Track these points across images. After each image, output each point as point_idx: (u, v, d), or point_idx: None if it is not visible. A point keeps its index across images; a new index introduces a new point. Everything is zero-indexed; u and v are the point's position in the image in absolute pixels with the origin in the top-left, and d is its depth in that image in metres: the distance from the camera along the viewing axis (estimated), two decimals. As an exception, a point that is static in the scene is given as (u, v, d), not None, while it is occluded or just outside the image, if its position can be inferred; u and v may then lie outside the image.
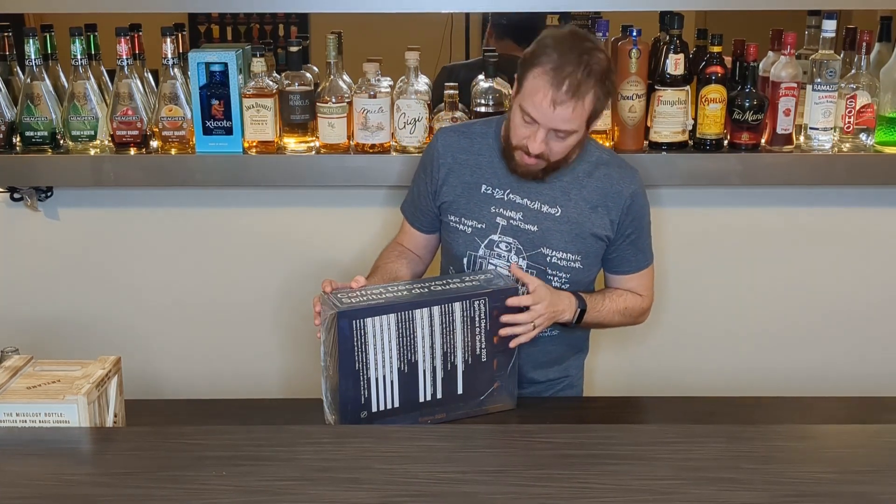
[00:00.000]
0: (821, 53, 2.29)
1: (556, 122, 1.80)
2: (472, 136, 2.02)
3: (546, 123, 1.81)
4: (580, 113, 1.81)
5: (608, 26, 2.28)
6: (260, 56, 2.26)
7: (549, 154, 1.86)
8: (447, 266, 2.06)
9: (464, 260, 1.99)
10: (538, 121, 1.81)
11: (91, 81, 2.32)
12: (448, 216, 2.00)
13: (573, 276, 1.96)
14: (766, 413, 1.96)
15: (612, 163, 2.00)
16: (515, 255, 1.95)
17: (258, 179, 2.35)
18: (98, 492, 1.40)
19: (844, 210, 2.48)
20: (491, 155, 1.98)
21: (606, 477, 1.43)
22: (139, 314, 2.54)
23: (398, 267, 2.02)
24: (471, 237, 1.97)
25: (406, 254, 2.08)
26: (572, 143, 1.86)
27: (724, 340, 2.56)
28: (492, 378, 1.84)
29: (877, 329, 2.56)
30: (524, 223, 1.95)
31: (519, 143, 1.86)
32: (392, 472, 1.44)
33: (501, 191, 1.96)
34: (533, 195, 1.95)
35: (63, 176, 2.36)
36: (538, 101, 1.79)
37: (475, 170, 1.98)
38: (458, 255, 2.00)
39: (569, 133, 1.83)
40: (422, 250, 2.10)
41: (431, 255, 2.13)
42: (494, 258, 1.96)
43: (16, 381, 1.61)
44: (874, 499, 1.37)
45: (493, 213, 1.96)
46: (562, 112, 1.79)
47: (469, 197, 1.98)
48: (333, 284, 1.78)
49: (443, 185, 2.00)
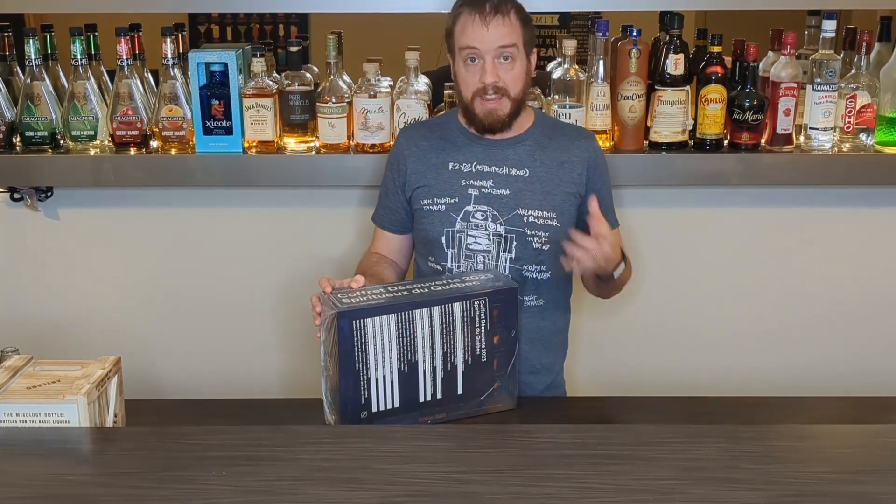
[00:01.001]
0: (821, 53, 2.29)
1: (494, 40, 1.89)
2: (432, 126, 2.10)
3: (487, 46, 1.90)
4: (512, 28, 1.91)
5: (608, 26, 2.28)
6: (260, 56, 2.26)
7: (504, 84, 1.92)
8: (424, 260, 2.06)
9: (442, 238, 2.00)
10: (479, 47, 1.90)
11: (91, 81, 2.32)
12: (421, 202, 2.02)
13: (552, 234, 1.99)
14: (766, 413, 1.96)
15: (569, 126, 2.15)
16: (493, 223, 1.98)
17: (258, 179, 2.35)
18: (98, 492, 1.39)
19: (844, 210, 2.48)
20: (453, 136, 2.05)
21: (606, 477, 1.43)
22: (139, 314, 2.54)
23: (380, 270, 2.03)
24: (446, 214, 2.00)
25: (383, 260, 2.09)
26: (519, 70, 1.94)
27: (723, 340, 2.56)
28: (492, 378, 1.84)
29: (877, 329, 2.56)
30: (496, 189, 1.99)
31: (473, 88, 1.94)
32: (392, 472, 1.44)
33: (469, 164, 2.01)
34: (500, 161, 2.00)
35: (63, 176, 2.36)
36: (471, 30, 1.90)
37: (440, 152, 2.03)
38: (435, 236, 2.01)
39: (511, 55, 1.91)
40: (396, 254, 2.12)
41: (407, 260, 2.15)
42: (472, 229, 1.99)
43: (16, 381, 1.61)
44: (874, 499, 1.37)
45: (463, 185, 2.00)
46: (496, 29, 1.89)
47: (438, 176, 2.02)
48: (332, 283, 1.78)
49: (411, 174, 2.04)
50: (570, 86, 2.30)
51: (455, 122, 2.06)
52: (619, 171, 2.33)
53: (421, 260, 2.09)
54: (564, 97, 2.30)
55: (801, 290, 2.53)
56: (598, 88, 2.30)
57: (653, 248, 2.50)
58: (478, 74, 1.92)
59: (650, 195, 2.46)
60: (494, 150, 2.01)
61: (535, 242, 1.99)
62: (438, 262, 2.02)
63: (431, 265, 2.04)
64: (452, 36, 1.96)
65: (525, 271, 2.00)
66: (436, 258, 2.03)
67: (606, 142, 2.34)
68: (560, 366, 2.15)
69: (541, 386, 2.07)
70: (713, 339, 2.56)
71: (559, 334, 2.12)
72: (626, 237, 2.46)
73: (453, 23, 1.95)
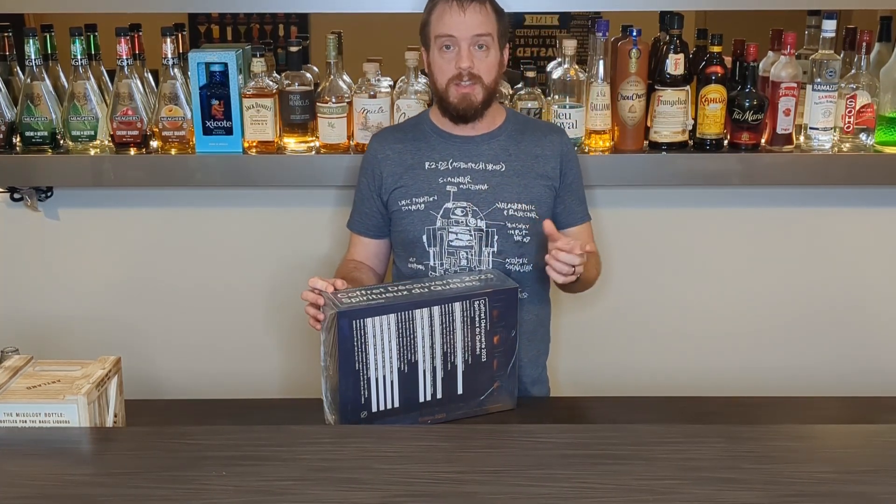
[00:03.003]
0: (821, 53, 2.29)
1: (470, 27, 1.92)
2: (404, 129, 2.12)
3: (463, 33, 1.92)
4: (488, 16, 1.94)
5: (608, 26, 2.27)
6: (260, 56, 2.26)
7: (479, 71, 1.94)
8: (404, 262, 2.05)
9: (423, 238, 2.01)
10: (455, 35, 1.93)
11: (91, 81, 2.32)
12: (399, 203, 2.03)
13: (532, 227, 2.00)
14: (766, 413, 1.96)
15: (539, 122, 2.21)
16: (473, 218, 1.99)
17: (258, 179, 2.35)
18: (98, 492, 1.39)
19: (844, 210, 2.48)
20: (427, 136, 2.06)
21: (606, 477, 1.43)
22: (139, 314, 2.54)
23: (359, 276, 2.04)
24: (425, 213, 2.01)
25: (361, 266, 2.09)
26: (493, 60, 1.97)
27: (723, 340, 2.56)
28: (492, 378, 1.84)
29: (877, 329, 2.56)
30: (474, 184, 2.01)
31: (449, 75, 1.96)
32: (392, 472, 1.44)
33: (445, 162, 2.03)
34: (475, 157, 2.02)
35: (63, 176, 2.36)
36: (448, 18, 1.93)
37: (414, 152, 2.05)
38: (415, 236, 2.01)
39: (486, 44, 1.94)
40: (373, 259, 2.12)
41: (384, 265, 2.15)
42: (453, 226, 2.00)
43: (16, 381, 1.62)
44: (874, 499, 1.37)
45: (441, 183, 2.01)
46: (472, 16, 1.92)
47: (415, 176, 2.03)
48: (336, 284, 1.78)
49: (387, 177, 2.05)
50: (570, 86, 2.30)
51: (427, 121, 2.08)
52: (619, 171, 2.33)
53: (401, 262, 2.08)
54: (564, 97, 2.30)
55: (801, 289, 2.53)
56: (598, 88, 2.30)
57: (653, 248, 2.50)
58: (453, 61, 1.95)
59: (650, 195, 2.46)
60: (469, 147, 2.03)
61: (517, 235, 2.01)
62: (420, 261, 2.02)
63: (412, 266, 2.03)
64: (429, 25, 1.98)
65: (508, 264, 2.01)
66: (417, 258, 2.02)
67: (606, 142, 2.34)
68: (544, 360, 2.16)
69: (528, 380, 2.08)
70: (713, 340, 2.56)
71: (542, 326, 2.14)
72: (627, 237, 2.47)
73: (429, 13, 1.98)
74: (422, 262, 2.02)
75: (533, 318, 2.08)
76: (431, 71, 2.01)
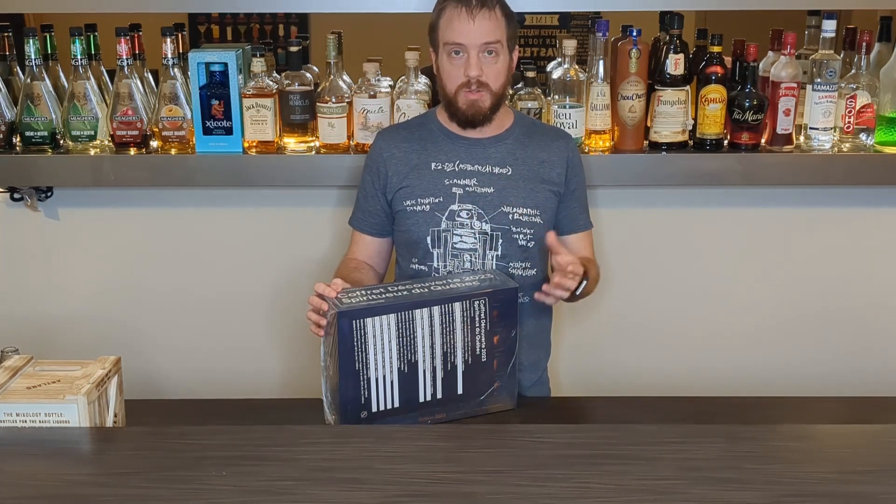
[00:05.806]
0: (821, 53, 2.29)
1: (480, 35, 1.90)
2: (411, 128, 2.10)
3: (473, 41, 1.90)
4: (497, 22, 1.92)
5: (608, 26, 2.28)
6: (260, 56, 2.26)
7: (487, 79, 1.93)
8: (407, 263, 2.04)
9: (427, 239, 2.00)
10: (464, 42, 1.91)
11: (91, 81, 2.32)
12: (404, 203, 2.02)
13: (536, 232, 2.00)
14: (766, 413, 1.96)
15: (547, 126, 2.19)
16: (478, 221, 1.98)
17: (258, 179, 2.35)
18: (98, 492, 1.39)
19: (844, 210, 2.48)
20: (434, 136, 2.05)
21: (606, 477, 1.43)
22: (139, 314, 2.54)
23: (359, 276, 2.02)
24: (430, 214, 2.00)
25: (361, 266, 2.08)
26: (502, 66, 1.95)
27: (724, 340, 2.56)
28: (492, 378, 1.84)
29: (877, 329, 2.56)
30: (480, 187, 2.00)
31: (458, 82, 1.94)
32: (392, 472, 1.44)
33: (451, 163, 2.01)
34: (482, 160, 2.01)
35: (63, 176, 2.36)
36: (457, 24, 1.91)
37: (420, 152, 2.03)
38: (420, 237, 2.00)
39: (495, 50, 1.92)
40: (374, 258, 2.11)
41: (385, 264, 2.14)
42: (458, 228, 1.99)
43: (16, 381, 1.61)
44: (874, 499, 1.37)
45: (447, 185, 2.00)
46: (481, 23, 1.90)
47: (420, 176, 2.01)
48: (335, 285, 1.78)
49: (392, 176, 2.03)
50: (570, 86, 2.30)
51: (435, 121, 2.06)
52: (619, 171, 2.33)
53: (404, 262, 2.07)
54: (564, 97, 2.30)
55: (801, 289, 2.53)
56: (598, 88, 2.30)
57: (653, 248, 2.50)
58: (462, 68, 1.93)
59: (650, 195, 2.46)
60: (476, 149, 2.02)
61: (521, 240, 2.00)
62: (424, 262, 2.01)
63: (415, 266, 2.03)
64: (437, 30, 1.96)
65: (511, 268, 2.00)
66: (420, 259, 2.02)
67: (606, 142, 2.34)
68: (545, 363, 2.15)
69: (527, 383, 2.08)
70: (713, 339, 2.56)
71: (543, 331, 2.13)
72: (627, 237, 2.47)
73: (438, 16, 1.96)
74: (425, 263, 2.01)
75: (535, 322, 2.08)
76: (440, 74, 2.00)
